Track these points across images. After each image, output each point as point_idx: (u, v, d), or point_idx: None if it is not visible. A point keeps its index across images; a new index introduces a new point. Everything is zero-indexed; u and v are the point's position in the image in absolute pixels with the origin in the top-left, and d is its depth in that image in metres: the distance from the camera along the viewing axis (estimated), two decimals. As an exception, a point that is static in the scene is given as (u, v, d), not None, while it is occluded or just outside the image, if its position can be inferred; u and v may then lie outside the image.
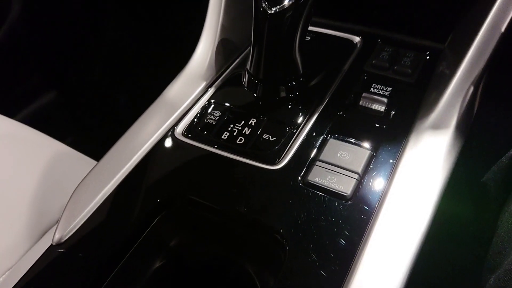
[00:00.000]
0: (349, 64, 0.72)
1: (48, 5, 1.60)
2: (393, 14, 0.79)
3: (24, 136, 0.95)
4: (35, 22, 1.59)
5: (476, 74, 0.58)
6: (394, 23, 0.78)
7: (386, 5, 0.81)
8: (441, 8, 0.76)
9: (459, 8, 0.74)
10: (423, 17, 0.77)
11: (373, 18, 0.79)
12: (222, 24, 0.75)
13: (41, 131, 1.06)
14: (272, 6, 0.58)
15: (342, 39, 0.78)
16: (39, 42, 1.64)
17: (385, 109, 0.63)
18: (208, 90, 0.70)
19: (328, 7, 0.79)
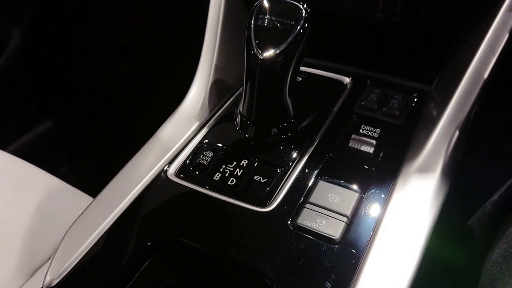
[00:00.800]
0: (339, 105, 0.74)
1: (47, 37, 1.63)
2: (381, 56, 0.82)
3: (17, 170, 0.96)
4: (34, 53, 1.62)
5: (461, 119, 0.60)
6: (383, 64, 0.80)
7: (375, 48, 0.84)
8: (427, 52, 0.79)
9: (445, 52, 0.77)
10: (410, 60, 0.80)
11: (362, 60, 0.82)
12: (216, 64, 0.77)
13: (35, 160, 1.07)
14: (263, 51, 0.61)
15: (332, 80, 0.80)
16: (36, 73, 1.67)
17: (374, 151, 0.65)
18: (201, 130, 0.71)
19: (319, 48, 0.82)
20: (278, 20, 0.61)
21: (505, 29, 0.61)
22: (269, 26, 0.61)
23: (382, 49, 0.83)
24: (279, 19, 0.61)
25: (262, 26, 0.62)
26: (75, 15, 1.70)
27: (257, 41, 0.61)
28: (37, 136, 1.68)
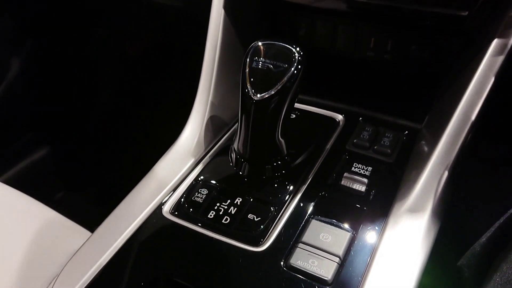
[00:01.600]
0: (331, 143, 0.76)
1: (46, 67, 1.65)
2: (373, 93, 0.84)
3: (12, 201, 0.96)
4: (32, 83, 1.64)
5: (449, 161, 0.61)
6: (375, 102, 0.82)
7: (367, 85, 0.86)
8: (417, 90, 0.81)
9: (434, 91, 0.79)
10: (401, 98, 0.82)
11: (355, 97, 0.84)
12: (212, 101, 0.79)
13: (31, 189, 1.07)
14: (257, 93, 0.62)
15: (325, 117, 0.82)
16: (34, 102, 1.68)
17: (366, 189, 0.66)
18: (196, 166, 0.73)
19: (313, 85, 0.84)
20: (272, 62, 0.63)
21: (491, 73, 0.63)
22: (263, 68, 0.63)
23: (374, 87, 0.86)
24: (273, 62, 0.63)
25: (256, 68, 0.63)
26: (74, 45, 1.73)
27: (252, 83, 0.63)
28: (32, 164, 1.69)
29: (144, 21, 1.46)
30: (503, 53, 0.63)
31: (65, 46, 1.71)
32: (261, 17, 0.93)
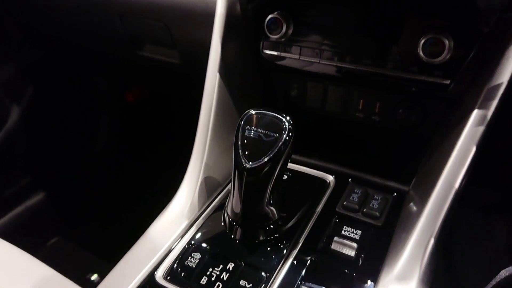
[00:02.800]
0: (322, 205, 0.78)
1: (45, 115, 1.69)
2: (362, 154, 0.87)
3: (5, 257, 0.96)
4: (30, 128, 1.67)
5: (435, 229, 0.63)
6: (364, 163, 0.85)
7: (357, 146, 0.89)
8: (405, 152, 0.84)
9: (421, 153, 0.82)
10: (389, 159, 0.85)
11: (344, 158, 0.87)
12: (206, 163, 0.81)
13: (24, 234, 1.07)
14: (250, 161, 0.65)
15: (316, 178, 0.84)
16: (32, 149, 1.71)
17: (355, 254, 0.68)
18: (189, 229, 0.74)
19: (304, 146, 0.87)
20: (264, 132, 0.66)
21: (473, 143, 0.66)
22: (255, 137, 0.66)
23: (363, 147, 0.89)
24: (264, 131, 0.66)
25: (249, 137, 0.66)
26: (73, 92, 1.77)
27: (244, 151, 0.65)
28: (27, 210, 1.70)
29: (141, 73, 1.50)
30: (483, 124, 0.66)
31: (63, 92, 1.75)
32: (255, 79, 0.97)
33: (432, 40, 0.71)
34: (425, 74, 0.75)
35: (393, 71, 0.78)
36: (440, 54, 0.71)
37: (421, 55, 0.72)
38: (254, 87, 0.98)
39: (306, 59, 0.85)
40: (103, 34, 1.26)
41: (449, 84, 0.74)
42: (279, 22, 0.83)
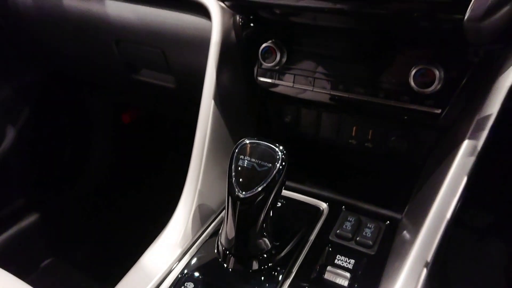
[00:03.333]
0: (315, 233, 0.78)
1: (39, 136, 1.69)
2: (356, 182, 0.88)
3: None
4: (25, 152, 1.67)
5: (427, 259, 0.64)
6: (357, 190, 0.86)
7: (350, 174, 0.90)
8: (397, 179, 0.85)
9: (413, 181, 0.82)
10: (382, 187, 0.85)
11: (338, 185, 0.87)
12: (200, 189, 0.82)
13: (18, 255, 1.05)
14: (243, 190, 0.65)
15: (310, 205, 0.84)
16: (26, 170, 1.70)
17: (348, 284, 0.68)
18: (183, 258, 0.74)
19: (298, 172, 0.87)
20: (257, 162, 0.66)
21: (463, 173, 0.67)
22: (248, 167, 0.67)
23: (356, 174, 0.89)
24: (258, 161, 0.66)
25: (242, 167, 0.67)
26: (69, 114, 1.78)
27: (238, 181, 0.66)
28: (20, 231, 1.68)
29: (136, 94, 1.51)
30: (474, 154, 0.67)
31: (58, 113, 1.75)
32: (250, 105, 0.98)
33: (422, 70, 0.72)
34: (417, 103, 0.76)
35: (385, 100, 0.79)
36: (431, 84, 0.72)
37: (412, 85, 0.73)
38: (249, 113, 0.99)
39: (299, 86, 0.86)
40: (99, 58, 1.27)
41: (440, 113, 0.75)
42: (273, 51, 0.84)
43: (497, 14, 0.62)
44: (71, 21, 1.20)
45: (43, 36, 1.34)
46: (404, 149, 0.85)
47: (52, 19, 1.25)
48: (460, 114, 0.75)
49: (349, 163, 0.93)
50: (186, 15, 1.02)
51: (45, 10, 1.25)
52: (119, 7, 1.11)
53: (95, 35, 1.17)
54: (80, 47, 1.27)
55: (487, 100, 0.69)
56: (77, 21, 1.18)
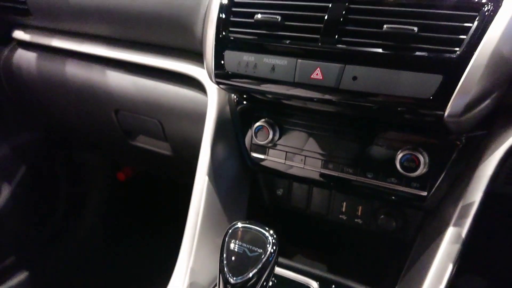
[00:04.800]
0: (306, 315, 0.78)
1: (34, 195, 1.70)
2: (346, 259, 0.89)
3: None
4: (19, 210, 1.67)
5: None
6: (347, 268, 0.87)
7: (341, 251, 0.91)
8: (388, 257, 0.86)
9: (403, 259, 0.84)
10: (372, 265, 0.87)
11: (329, 262, 0.88)
12: (192, 267, 0.83)
13: None
14: (234, 276, 0.66)
15: (301, 284, 0.85)
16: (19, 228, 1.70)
17: None
18: None
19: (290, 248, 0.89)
20: (248, 247, 0.68)
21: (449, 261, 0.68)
22: (239, 252, 0.68)
23: (347, 250, 0.91)
24: (249, 246, 0.68)
25: (234, 251, 0.68)
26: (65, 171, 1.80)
27: (229, 266, 0.67)
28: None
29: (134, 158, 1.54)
30: (459, 242, 0.69)
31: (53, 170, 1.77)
32: (243, 178, 1.00)
33: (408, 156, 0.75)
34: (403, 185, 0.79)
35: (373, 181, 0.81)
36: (416, 169, 0.75)
37: (399, 169, 0.76)
38: (242, 185, 1.01)
39: (291, 163, 0.89)
40: (98, 124, 1.31)
41: (426, 196, 0.78)
42: (266, 130, 0.88)
43: (476, 109, 0.66)
44: (73, 89, 1.25)
45: (44, 100, 1.38)
46: (392, 227, 0.86)
47: (55, 86, 1.29)
48: (446, 196, 0.78)
49: (340, 238, 0.94)
50: (183, 89, 1.06)
51: (48, 77, 1.30)
52: (120, 78, 1.15)
53: (95, 103, 1.21)
54: (80, 114, 1.31)
55: (470, 187, 0.72)
56: (79, 89, 1.23)
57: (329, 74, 0.71)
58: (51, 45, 1.27)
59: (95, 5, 1.11)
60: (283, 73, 0.74)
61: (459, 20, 0.64)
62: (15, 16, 1.33)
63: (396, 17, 0.67)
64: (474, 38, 0.63)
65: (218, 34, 0.81)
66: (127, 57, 1.12)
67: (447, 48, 0.64)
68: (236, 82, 0.80)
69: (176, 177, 1.54)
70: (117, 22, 1.09)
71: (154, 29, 1.04)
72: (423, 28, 0.65)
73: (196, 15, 0.93)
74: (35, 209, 1.75)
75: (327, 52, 0.71)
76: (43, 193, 1.77)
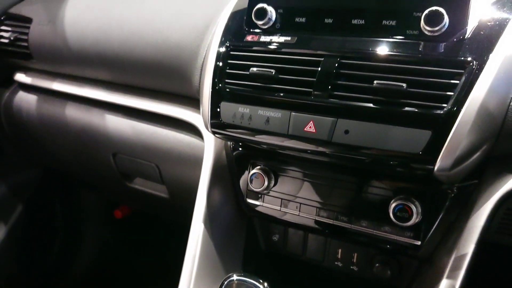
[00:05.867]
0: None
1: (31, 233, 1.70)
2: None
3: None
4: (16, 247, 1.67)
5: None
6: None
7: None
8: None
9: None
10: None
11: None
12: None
13: None
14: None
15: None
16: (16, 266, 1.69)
17: None
18: None
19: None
20: (243, 302, 0.68)
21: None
22: (234, 304, 0.68)
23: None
24: (244, 302, 0.68)
25: (228, 305, 0.69)
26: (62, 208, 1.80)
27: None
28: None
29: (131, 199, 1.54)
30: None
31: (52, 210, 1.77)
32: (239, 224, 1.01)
33: (400, 206, 0.76)
34: (397, 234, 0.80)
35: (367, 229, 0.82)
36: (409, 219, 0.76)
37: (392, 219, 0.77)
38: (238, 230, 1.02)
39: (286, 210, 0.90)
40: (95, 166, 1.32)
41: (420, 245, 0.78)
42: (261, 177, 0.89)
43: (465, 163, 0.68)
44: (72, 132, 1.27)
45: (43, 141, 1.40)
46: (387, 275, 0.87)
47: (54, 128, 1.31)
48: (440, 245, 0.78)
49: (336, 286, 0.94)
50: (181, 134, 1.08)
51: (47, 119, 1.33)
52: (118, 122, 1.18)
53: (93, 146, 1.23)
54: (78, 156, 1.33)
55: (463, 238, 0.73)
56: (78, 132, 1.25)
57: (322, 127, 0.72)
58: (52, 88, 1.30)
59: (95, 52, 1.14)
60: (277, 126, 0.76)
61: (446, 77, 0.67)
62: (18, 59, 1.36)
63: (385, 73, 0.70)
64: (461, 95, 0.65)
65: (215, 85, 0.83)
66: (126, 101, 1.14)
67: (435, 104, 0.66)
68: (232, 132, 0.82)
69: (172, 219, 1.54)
70: (117, 68, 1.12)
71: (153, 76, 1.07)
72: (412, 84, 0.68)
73: (194, 65, 0.96)
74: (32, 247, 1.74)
75: (320, 106, 0.73)
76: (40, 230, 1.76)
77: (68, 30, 1.20)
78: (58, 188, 1.75)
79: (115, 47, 1.09)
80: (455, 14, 0.67)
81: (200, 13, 1.01)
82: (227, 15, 0.90)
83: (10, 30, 1.35)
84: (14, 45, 1.33)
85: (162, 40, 1.02)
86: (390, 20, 0.72)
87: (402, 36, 0.71)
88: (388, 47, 0.71)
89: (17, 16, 1.36)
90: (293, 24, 0.80)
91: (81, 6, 1.24)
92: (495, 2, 0.71)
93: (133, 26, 1.08)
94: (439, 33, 0.68)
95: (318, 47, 0.76)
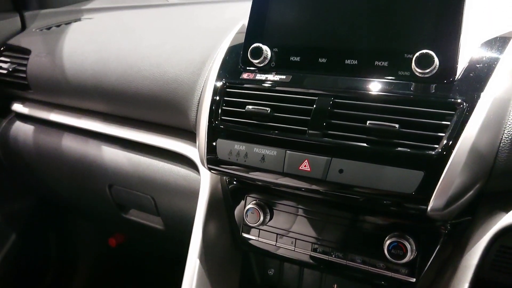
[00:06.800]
0: None
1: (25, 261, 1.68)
2: None
3: None
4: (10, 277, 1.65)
5: None
6: None
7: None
8: None
9: None
10: None
11: None
12: None
13: None
14: None
15: None
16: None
17: None
18: None
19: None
20: None
21: None
22: None
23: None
24: None
25: None
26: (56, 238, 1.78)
27: None
28: None
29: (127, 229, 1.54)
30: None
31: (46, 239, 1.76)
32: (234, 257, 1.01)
33: (395, 243, 0.77)
34: (392, 271, 0.80)
35: (362, 265, 0.82)
36: (404, 256, 0.76)
37: (387, 256, 0.77)
38: (233, 264, 1.01)
39: (281, 245, 0.90)
40: (91, 197, 1.32)
41: (415, 282, 0.78)
42: (256, 212, 0.89)
43: (459, 202, 0.68)
44: (68, 163, 1.27)
45: (39, 171, 1.40)
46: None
47: (50, 159, 1.32)
48: (435, 283, 0.79)
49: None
50: (177, 166, 1.09)
51: (44, 149, 1.33)
52: (115, 153, 1.18)
53: (89, 178, 1.23)
54: (73, 186, 1.33)
55: (457, 277, 0.73)
56: (74, 163, 1.25)
57: (317, 166, 0.73)
58: (49, 119, 1.31)
59: (93, 84, 1.15)
60: (273, 163, 0.77)
61: (437, 118, 0.68)
62: (15, 90, 1.38)
63: (378, 113, 0.71)
64: (452, 136, 0.66)
65: (211, 122, 0.84)
66: (123, 133, 1.15)
67: (427, 145, 0.67)
68: (228, 169, 0.83)
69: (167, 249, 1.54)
70: (114, 100, 1.14)
71: (150, 109, 1.08)
72: (404, 125, 0.69)
73: (191, 100, 0.98)
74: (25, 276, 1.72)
75: (315, 145, 0.74)
76: (33, 259, 1.74)
77: (66, 62, 1.22)
78: (52, 217, 1.74)
79: (113, 80, 1.10)
80: (445, 56, 0.69)
81: (197, 48, 1.03)
82: (224, 50, 0.92)
83: (8, 61, 1.37)
84: (12, 76, 1.35)
85: (159, 74, 1.03)
86: (382, 61, 0.74)
87: (394, 77, 0.73)
88: (380, 87, 0.73)
89: (16, 47, 1.38)
90: (288, 63, 0.81)
91: (79, 38, 1.26)
92: (484, 43, 0.73)
93: (131, 59, 1.10)
94: (430, 75, 0.70)
95: (312, 86, 0.78)
